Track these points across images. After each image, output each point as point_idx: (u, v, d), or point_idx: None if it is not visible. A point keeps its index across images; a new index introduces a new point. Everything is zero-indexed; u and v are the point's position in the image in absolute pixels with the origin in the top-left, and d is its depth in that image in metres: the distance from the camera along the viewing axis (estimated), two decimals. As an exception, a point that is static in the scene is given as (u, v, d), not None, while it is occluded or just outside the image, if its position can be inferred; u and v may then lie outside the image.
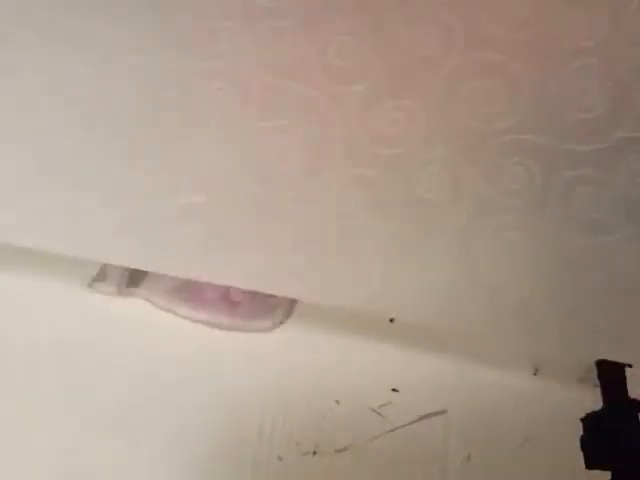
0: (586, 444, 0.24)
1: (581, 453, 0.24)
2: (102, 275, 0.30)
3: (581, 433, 0.24)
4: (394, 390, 0.26)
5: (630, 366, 0.25)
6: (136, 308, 0.29)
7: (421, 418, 0.26)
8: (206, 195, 0.25)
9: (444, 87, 0.24)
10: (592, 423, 0.23)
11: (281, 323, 0.29)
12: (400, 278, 0.24)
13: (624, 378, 0.26)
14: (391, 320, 0.26)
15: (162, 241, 0.25)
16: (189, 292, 0.30)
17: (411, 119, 0.24)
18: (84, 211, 0.25)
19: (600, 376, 0.27)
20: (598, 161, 0.23)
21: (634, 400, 0.26)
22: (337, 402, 0.26)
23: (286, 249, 0.25)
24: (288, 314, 0.30)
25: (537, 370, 0.28)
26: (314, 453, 0.25)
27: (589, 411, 0.23)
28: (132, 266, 0.26)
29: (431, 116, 0.24)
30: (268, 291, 0.25)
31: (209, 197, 0.25)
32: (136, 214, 0.25)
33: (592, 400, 0.26)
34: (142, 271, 0.28)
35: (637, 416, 0.25)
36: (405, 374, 0.26)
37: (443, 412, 0.26)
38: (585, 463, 0.24)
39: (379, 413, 0.26)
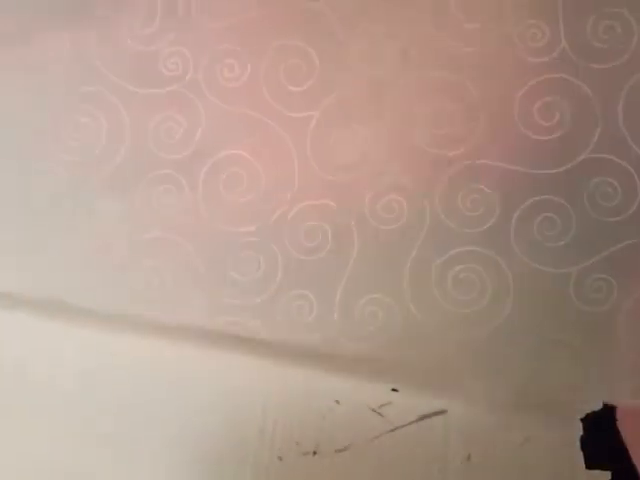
0: (586, 444, 0.23)
1: (581, 453, 0.24)
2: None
3: (581, 433, 0.24)
4: (394, 390, 0.25)
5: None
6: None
7: (421, 418, 0.25)
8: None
9: (398, 110, 0.24)
10: (592, 423, 0.23)
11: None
12: (353, 309, 0.24)
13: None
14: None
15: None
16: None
17: (366, 144, 0.24)
18: None
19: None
20: (560, 185, 0.22)
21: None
22: (337, 402, 0.26)
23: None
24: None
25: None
26: (314, 453, 0.25)
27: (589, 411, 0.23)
28: None
29: (387, 141, 0.24)
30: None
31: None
32: None
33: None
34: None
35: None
36: (405, 374, 0.25)
37: (443, 412, 0.25)
38: (585, 463, 0.24)
39: (379, 413, 0.26)
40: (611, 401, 0.21)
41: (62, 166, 0.26)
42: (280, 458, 0.25)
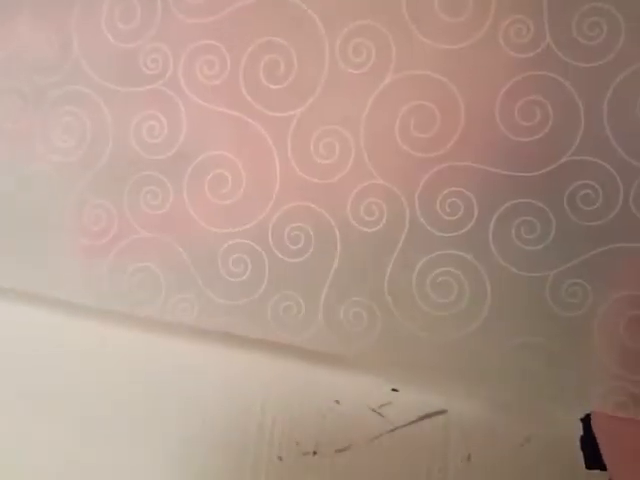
0: (586, 444, 0.24)
1: (581, 453, 0.25)
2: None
3: (581, 433, 0.24)
4: (394, 390, 0.26)
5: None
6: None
7: (421, 418, 0.26)
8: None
9: (379, 111, 0.23)
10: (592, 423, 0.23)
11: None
12: (338, 311, 0.24)
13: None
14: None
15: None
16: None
17: (346, 146, 0.24)
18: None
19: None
20: (540, 188, 0.22)
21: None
22: (337, 402, 0.26)
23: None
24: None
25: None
26: (314, 453, 0.26)
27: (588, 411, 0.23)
28: None
29: (367, 142, 0.23)
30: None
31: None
32: None
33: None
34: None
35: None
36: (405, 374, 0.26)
37: (443, 412, 0.26)
38: (585, 463, 0.24)
39: (379, 413, 0.26)
40: (585, 405, 0.22)
41: (50, 166, 0.26)
42: (280, 458, 0.26)
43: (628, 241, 0.22)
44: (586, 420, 0.24)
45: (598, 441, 0.22)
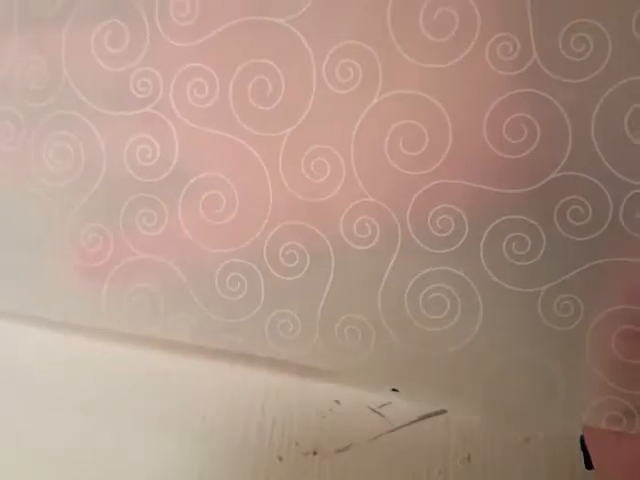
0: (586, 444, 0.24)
1: (581, 453, 0.25)
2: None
3: (581, 433, 0.24)
4: (394, 390, 0.26)
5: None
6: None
7: (421, 418, 0.26)
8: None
9: (369, 130, 0.23)
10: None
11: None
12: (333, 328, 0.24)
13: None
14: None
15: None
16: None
17: (337, 165, 0.24)
18: None
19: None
20: (530, 204, 0.22)
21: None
22: (337, 402, 0.27)
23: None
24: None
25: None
26: (314, 453, 0.26)
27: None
28: None
29: (358, 160, 0.23)
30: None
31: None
32: None
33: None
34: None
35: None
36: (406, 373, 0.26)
37: (443, 412, 0.26)
38: (585, 463, 0.25)
39: (379, 413, 0.26)
40: (577, 420, 0.22)
41: (45, 190, 0.26)
42: (280, 458, 0.26)
43: (618, 255, 0.22)
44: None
45: (591, 456, 0.23)
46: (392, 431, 0.26)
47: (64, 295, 0.26)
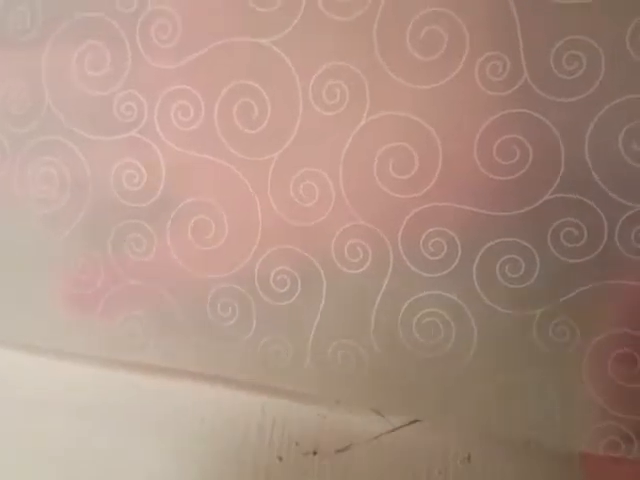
0: None
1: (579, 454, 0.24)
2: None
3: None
4: (414, 421, 0.26)
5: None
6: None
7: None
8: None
9: (357, 152, 0.23)
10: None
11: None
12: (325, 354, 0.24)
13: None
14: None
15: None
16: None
17: (326, 188, 0.23)
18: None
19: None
20: (523, 227, 0.22)
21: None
22: (337, 402, 0.26)
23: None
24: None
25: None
26: (314, 453, 0.26)
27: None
28: None
29: (347, 183, 0.23)
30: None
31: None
32: None
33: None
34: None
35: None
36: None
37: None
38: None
39: (379, 413, 0.26)
40: (574, 445, 0.22)
41: (32, 218, 0.26)
42: (280, 458, 0.26)
43: (614, 278, 0.21)
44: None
45: (589, 482, 0.22)
46: (392, 431, 0.26)
47: (54, 323, 0.26)
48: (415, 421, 0.26)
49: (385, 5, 0.22)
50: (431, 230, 0.23)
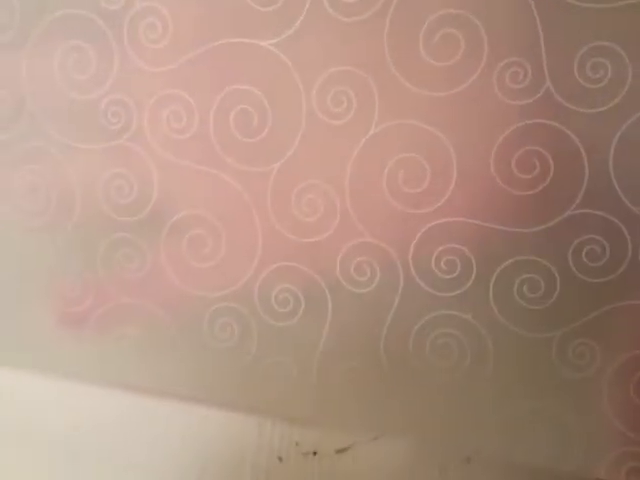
0: None
1: None
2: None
3: None
4: None
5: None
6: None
7: None
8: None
9: (366, 164, 0.21)
10: None
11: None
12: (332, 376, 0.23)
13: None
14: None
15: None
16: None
17: (331, 202, 0.22)
18: None
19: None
20: (543, 244, 0.20)
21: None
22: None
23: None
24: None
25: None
26: (314, 453, 0.26)
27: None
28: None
29: (354, 197, 0.22)
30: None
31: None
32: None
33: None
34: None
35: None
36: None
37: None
38: None
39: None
40: (593, 472, 0.21)
41: (18, 231, 0.24)
42: (280, 458, 0.25)
43: (637, 298, 0.20)
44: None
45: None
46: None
47: (42, 343, 0.25)
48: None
49: (397, 5, 0.20)
50: (444, 247, 0.21)
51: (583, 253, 0.20)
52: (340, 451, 0.25)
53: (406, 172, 0.21)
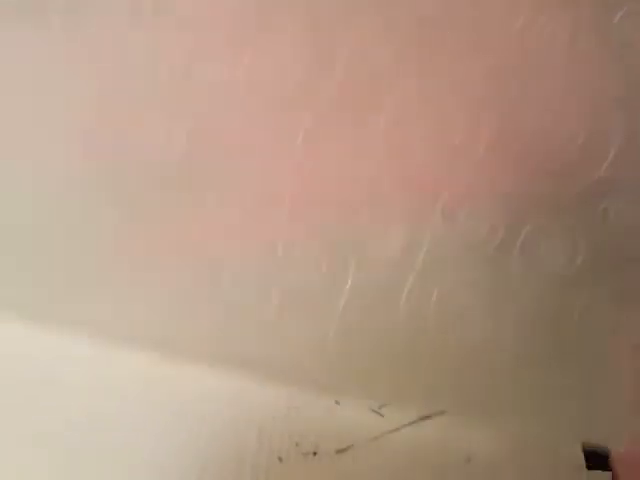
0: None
1: (582, 454, 0.24)
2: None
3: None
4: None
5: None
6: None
7: (421, 418, 0.26)
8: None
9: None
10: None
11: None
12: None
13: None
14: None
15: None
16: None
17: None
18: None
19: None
20: (568, 209, 0.20)
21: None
22: (337, 402, 0.26)
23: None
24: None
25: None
26: (314, 454, 0.26)
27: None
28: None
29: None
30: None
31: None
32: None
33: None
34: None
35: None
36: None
37: (443, 412, 0.25)
38: (585, 464, 0.24)
39: (379, 413, 0.26)
40: (609, 443, 0.21)
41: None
42: (280, 458, 0.26)
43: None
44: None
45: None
46: (392, 431, 0.25)
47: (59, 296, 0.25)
48: (414, 422, 0.26)
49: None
50: (470, 210, 0.21)
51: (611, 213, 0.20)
52: (340, 451, 0.26)
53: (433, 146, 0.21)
